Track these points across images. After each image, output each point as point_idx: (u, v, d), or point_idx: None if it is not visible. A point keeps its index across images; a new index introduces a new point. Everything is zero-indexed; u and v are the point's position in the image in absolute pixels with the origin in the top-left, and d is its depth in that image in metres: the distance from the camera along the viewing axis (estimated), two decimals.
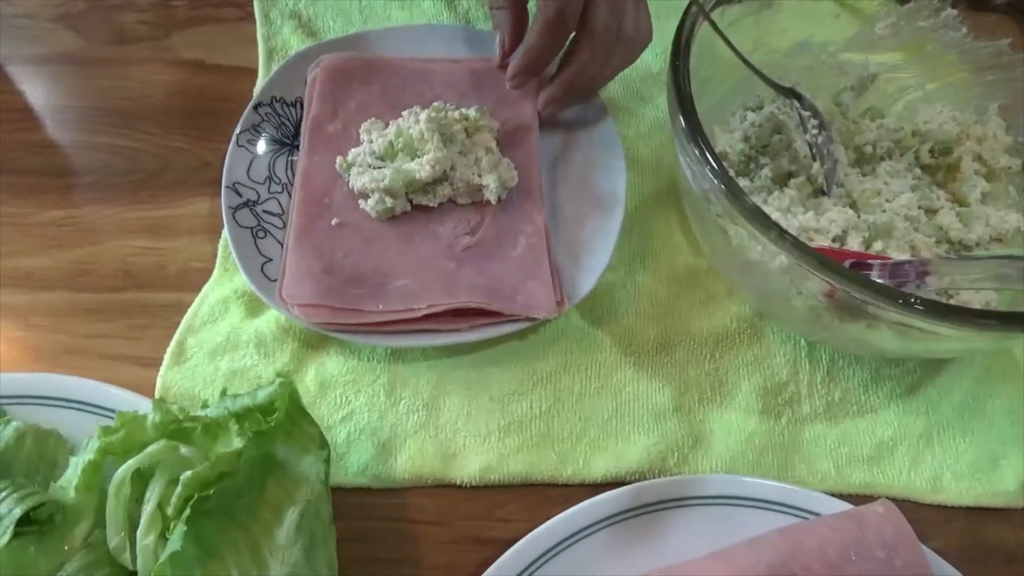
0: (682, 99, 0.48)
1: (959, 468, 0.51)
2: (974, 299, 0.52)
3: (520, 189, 0.58)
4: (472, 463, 0.51)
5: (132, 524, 0.41)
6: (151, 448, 0.41)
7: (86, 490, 0.42)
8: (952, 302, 0.50)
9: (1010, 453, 0.52)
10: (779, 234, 0.42)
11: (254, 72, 0.67)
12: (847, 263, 0.45)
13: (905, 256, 0.51)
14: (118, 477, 0.41)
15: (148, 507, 0.40)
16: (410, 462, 0.51)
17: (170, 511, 0.39)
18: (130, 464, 0.41)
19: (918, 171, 0.58)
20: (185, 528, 0.37)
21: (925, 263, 0.43)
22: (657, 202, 0.63)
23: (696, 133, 0.47)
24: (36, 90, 0.69)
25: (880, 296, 0.40)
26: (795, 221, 0.51)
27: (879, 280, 0.44)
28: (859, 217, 0.52)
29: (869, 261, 0.46)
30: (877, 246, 0.51)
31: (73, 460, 0.43)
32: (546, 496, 0.50)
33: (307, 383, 0.54)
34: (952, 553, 0.46)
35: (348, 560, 0.46)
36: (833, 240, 0.50)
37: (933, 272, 0.42)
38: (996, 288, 0.50)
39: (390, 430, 0.52)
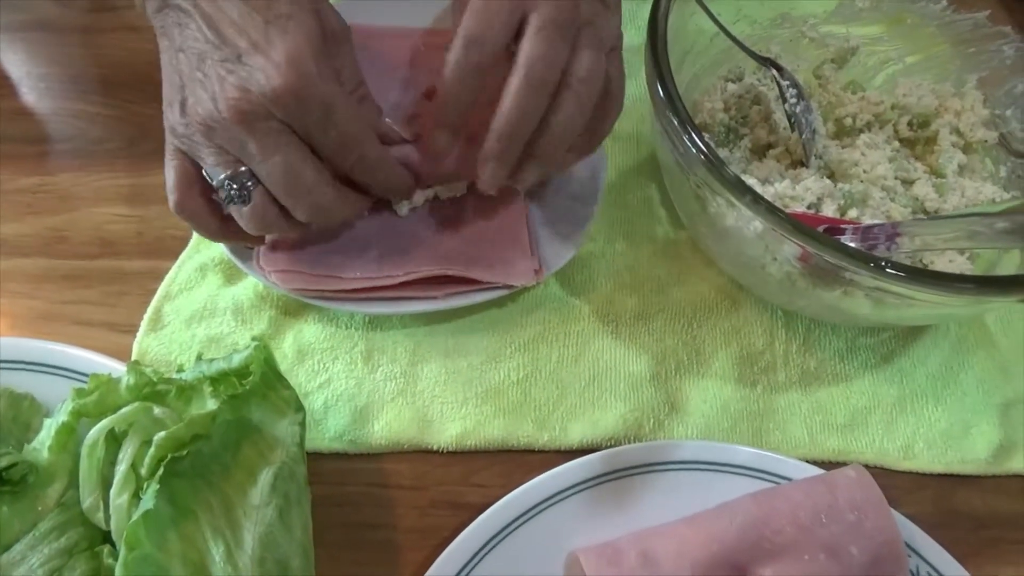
0: (660, 69, 0.48)
1: (931, 436, 0.52)
2: (948, 269, 0.52)
3: None
4: (449, 429, 0.51)
5: (105, 484, 0.41)
6: (125, 409, 0.41)
7: (60, 451, 0.42)
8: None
9: (982, 422, 0.52)
10: (753, 199, 0.42)
11: None
12: (820, 228, 0.45)
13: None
14: (91, 437, 0.41)
15: (121, 467, 0.40)
16: (387, 428, 0.51)
17: (143, 471, 0.39)
18: (103, 424, 0.41)
19: (896, 143, 0.59)
20: (158, 487, 0.38)
21: (895, 225, 0.43)
22: (637, 174, 0.63)
23: (673, 101, 0.47)
24: (12, 57, 0.68)
25: (851, 259, 0.40)
26: (771, 189, 0.51)
27: (851, 244, 0.44)
28: (836, 186, 0.52)
29: (842, 226, 0.46)
30: (852, 213, 0.51)
31: (47, 422, 0.43)
32: (523, 462, 0.51)
33: (285, 350, 0.54)
34: (923, 519, 0.47)
35: (325, 524, 0.46)
36: (808, 207, 0.51)
37: (904, 233, 0.42)
38: (968, 247, 0.50)
39: (367, 396, 0.52)
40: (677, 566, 0.42)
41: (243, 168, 0.44)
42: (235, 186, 0.44)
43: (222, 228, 0.48)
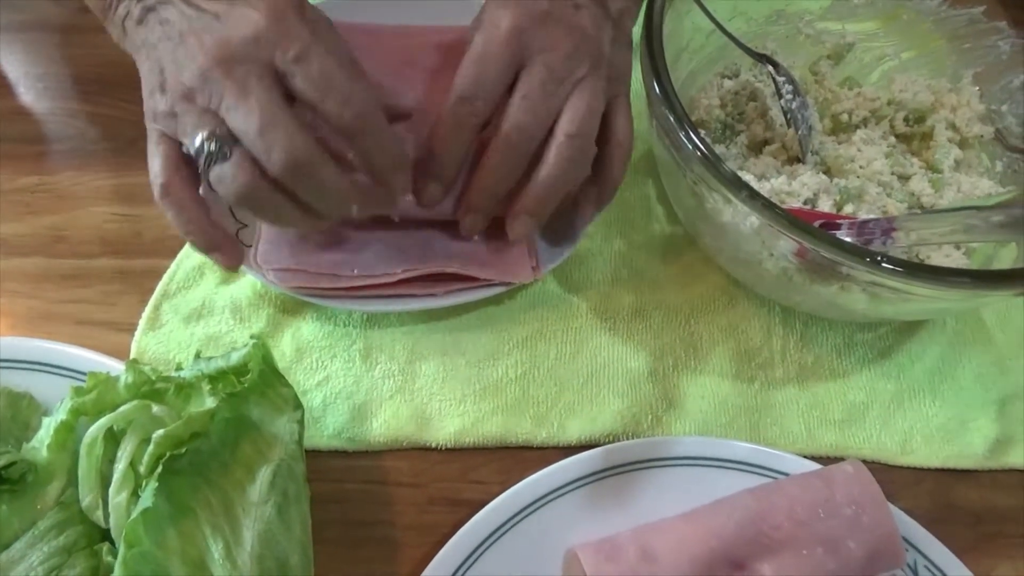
0: (656, 66, 0.48)
1: (929, 431, 0.52)
2: (945, 263, 0.52)
3: None
4: (447, 426, 0.51)
5: (104, 483, 0.41)
6: (123, 407, 0.41)
7: (59, 450, 0.42)
8: None
9: (978, 416, 0.52)
10: (750, 195, 0.43)
11: None
12: (817, 223, 0.45)
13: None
14: (90, 436, 0.41)
15: (120, 465, 0.40)
16: (386, 425, 0.51)
17: (142, 469, 0.40)
18: (102, 423, 0.41)
19: (893, 139, 0.59)
20: (157, 485, 0.38)
21: (891, 220, 0.43)
22: (634, 171, 0.63)
23: (669, 98, 0.47)
24: (10, 57, 0.68)
25: (848, 254, 0.40)
26: (767, 185, 0.52)
27: (847, 239, 0.44)
28: (832, 182, 0.52)
29: (839, 222, 0.46)
30: (848, 209, 0.51)
31: (46, 420, 0.43)
32: (521, 458, 0.51)
33: (283, 348, 0.54)
34: (921, 513, 0.47)
35: (324, 521, 0.46)
36: (804, 203, 0.51)
37: (899, 228, 0.42)
38: (964, 241, 0.50)
39: (366, 394, 0.52)
40: (676, 562, 0.42)
41: (221, 128, 0.42)
42: (213, 144, 0.42)
43: (207, 223, 0.46)
